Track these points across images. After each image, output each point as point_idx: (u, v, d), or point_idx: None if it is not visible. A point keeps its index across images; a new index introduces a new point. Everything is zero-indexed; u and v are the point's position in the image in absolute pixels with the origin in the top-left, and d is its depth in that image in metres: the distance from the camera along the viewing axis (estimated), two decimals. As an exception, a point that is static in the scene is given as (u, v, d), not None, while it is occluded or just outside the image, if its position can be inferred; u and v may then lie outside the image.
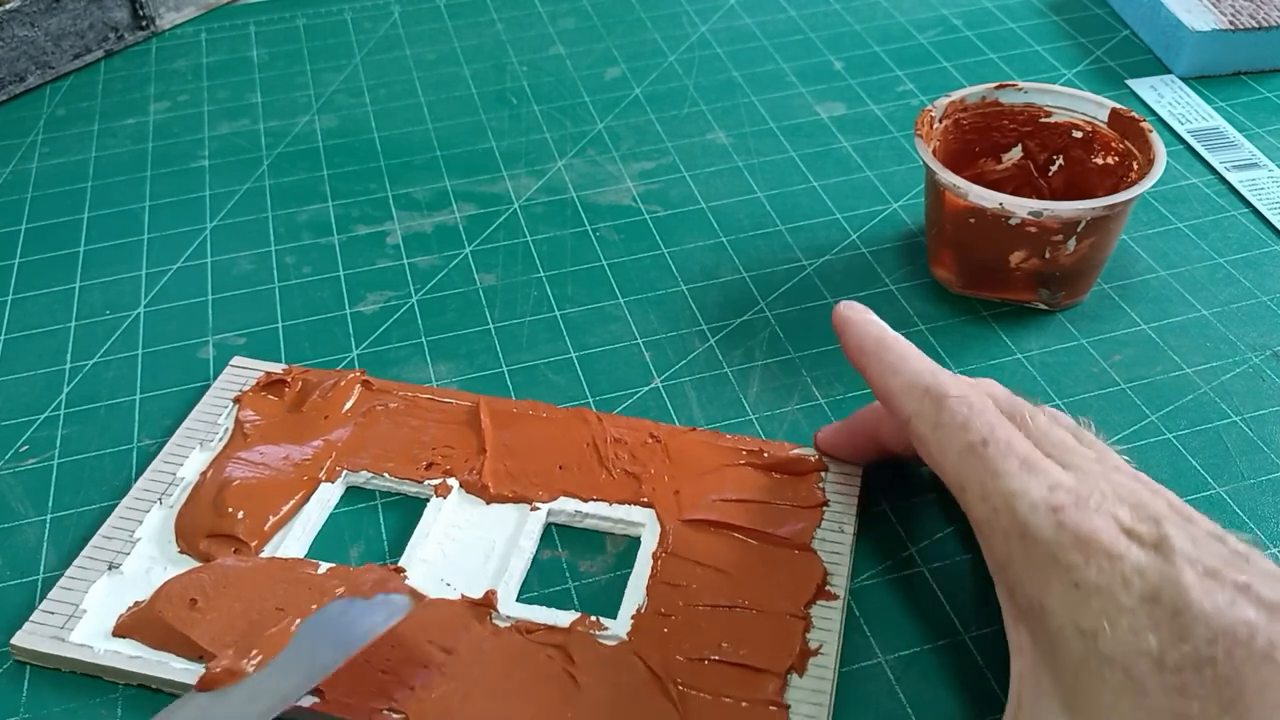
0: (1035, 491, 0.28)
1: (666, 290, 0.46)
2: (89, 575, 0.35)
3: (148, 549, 0.36)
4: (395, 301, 0.46)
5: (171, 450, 0.39)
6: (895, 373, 0.33)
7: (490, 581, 0.35)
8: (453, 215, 0.51)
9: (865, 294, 0.45)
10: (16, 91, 0.61)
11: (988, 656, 0.33)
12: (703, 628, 0.33)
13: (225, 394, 0.41)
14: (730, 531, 0.36)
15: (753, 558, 0.35)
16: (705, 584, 0.34)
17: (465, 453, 0.38)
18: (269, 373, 0.41)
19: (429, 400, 0.40)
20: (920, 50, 0.62)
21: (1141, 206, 0.50)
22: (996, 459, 0.29)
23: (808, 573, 0.34)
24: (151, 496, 0.37)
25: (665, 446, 0.38)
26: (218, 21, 0.67)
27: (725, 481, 0.37)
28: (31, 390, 0.43)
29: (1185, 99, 0.57)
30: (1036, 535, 0.27)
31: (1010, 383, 0.41)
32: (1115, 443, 0.39)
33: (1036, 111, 0.46)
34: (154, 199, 0.53)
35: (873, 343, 0.34)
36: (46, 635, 0.33)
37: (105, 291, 0.48)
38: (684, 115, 0.57)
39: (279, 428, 0.39)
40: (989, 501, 0.29)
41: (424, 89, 0.60)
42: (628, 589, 0.34)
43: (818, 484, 0.37)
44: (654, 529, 0.36)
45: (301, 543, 0.36)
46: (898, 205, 0.50)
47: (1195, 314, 0.44)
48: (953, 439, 0.30)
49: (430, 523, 0.36)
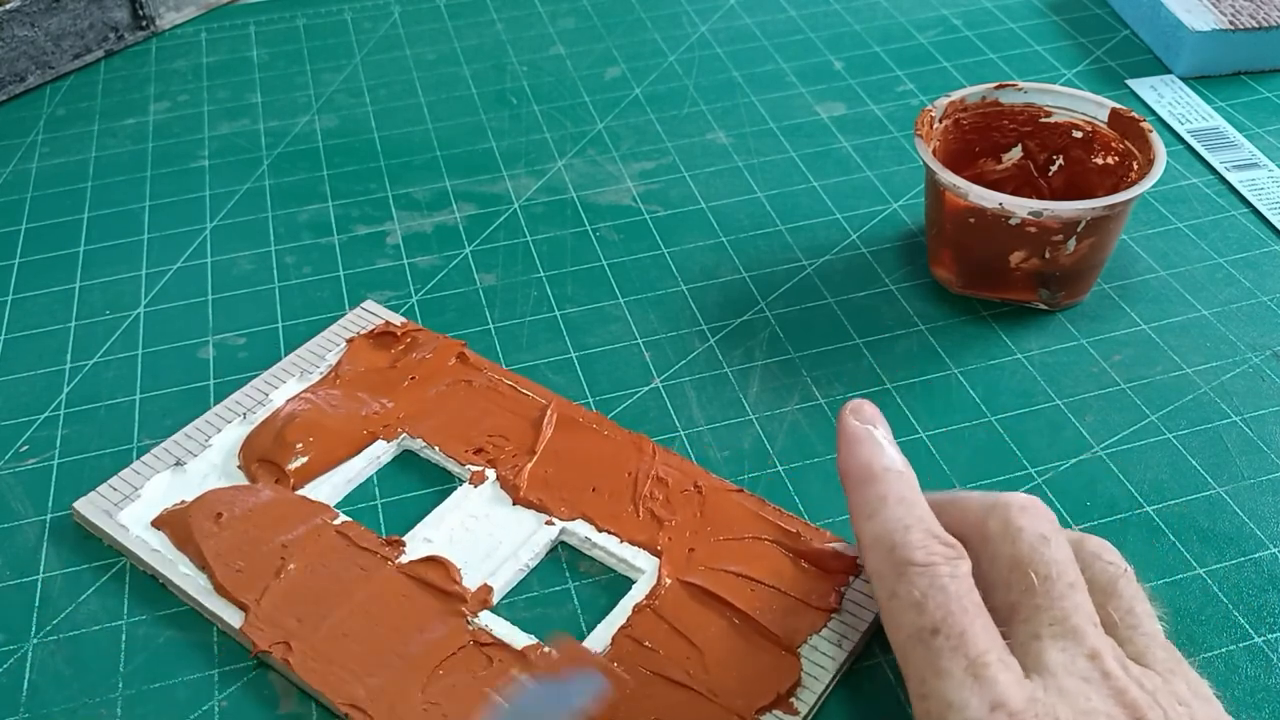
0: (974, 708, 0.24)
1: (666, 290, 0.46)
2: (158, 465, 0.38)
3: (213, 456, 0.39)
4: (395, 301, 0.46)
5: (273, 373, 0.41)
6: (870, 516, 0.29)
7: (477, 580, 0.35)
8: (453, 215, 0.51)
9: (865, 294, 0.45)
10: (16, 91, 0.61)
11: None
12: (645, 698, 0.31)
13: (344, 333, 0.43)
14: (723, 608, 0.33)
15: (732, 642, 0.32)
16: (672, 654, 0.32)
17: (516, 448, 0.39)
18: (386, 323, 0.43)
19: (510, 388, 0.41)
20: (920, 50, 0.62)
21: (1141, 206, 0.50)
22: (943, 654, 0.25)
23: (779, 676, 0.32)
24: (239, 410, 0.40)
25: (704, 500, 0.37)
26: (218, 21, 0.67)
27: (745, 555, 0.35)
28: (31, 390, 0.43)
29: (1185, 99, 0.57)
30: None
31: (1010, 383, 0.41)
32: (1115, 442, 0.39)
33: (1036, 111, 0.46)
34: (154, 199, 0.53)
35: (858, 469, 0.30)
36: (101, 509, 0.37)
37: (105, 291, 0.48)
38: (684, 115, 0.57)
39: (370, 378, 0.41)
40: (926, 702, 0.25)
41: (424, 89, 0.60)
42: (594, 632, 0.33)
43: (838, 586, 0.34)
44: (650, 580, 0.34)
45: (338, 490, 0.38)
46: (898, 205, 0.50)
47: (1195, 314, 0.44)
48: (904, 617, 0.26)
49: (452, 507, 0.37)
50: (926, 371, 0.42)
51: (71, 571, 0.36)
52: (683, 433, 0.40)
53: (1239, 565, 0.35)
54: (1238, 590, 0.34)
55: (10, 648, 0.34)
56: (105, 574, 0.36)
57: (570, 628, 0.34)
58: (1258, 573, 0.35)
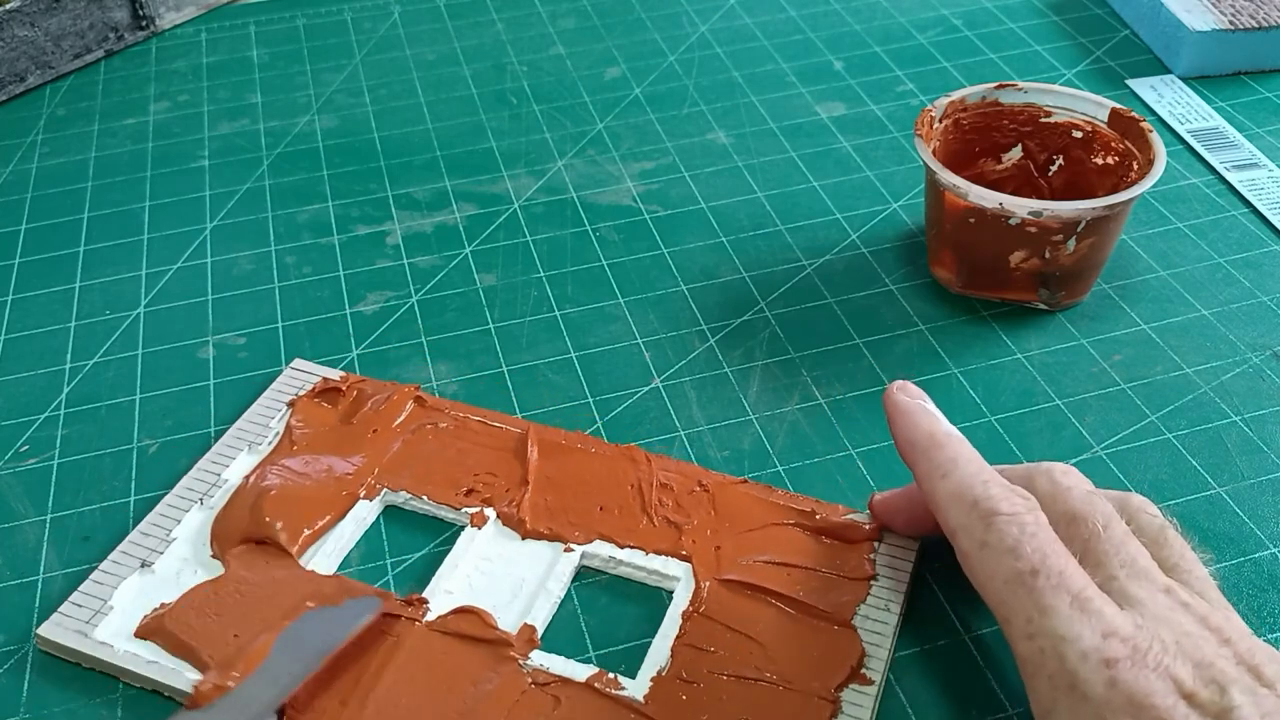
0: (1088, 639, 0.25)
1: (666, 290, 0.46)
2: (121, 571, 0.35)
3: (182, 549, 0.36)
4: (395, 301, 0.46)
5: (220, 451, 0.38)
6: (944, 476, 0.30)
7: (514, 621, 0.33)
8: (453, 215, 0.51)
9: (865, 294, 0.45)
10: (16, 91, 0.61)
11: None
12: (724, 699, 0.31)
13: (281, 397, 0.40)
14: (768, 597, 0.34)
15: (788, 628, 0.33)
16: (734, 651, 0.32)
17: (507, 482, 0.37)
18: (325, 379, 0.41)
19: (479, 424, 0.39)
20: (920, 50, 0.62)
21: (1141, 206, 0.50)
22: (1046, 593, 0.26)
23: (844, 651, 0.32)
24: (193, 496, 0.37)
25: (712, 497, 0.37)
26: (218, 21, 0.67)
27: (770, 542, 0.35)
28: (31, 390, 0.43)
29: (1185, 99, 0.57)
30: (1086, 690, 0.25)
31: (1010, 383, 0.41)
32: (1115, 442, 0.39)
33: (1036, 111, 0.46)
34: (154, 199, 0.53)
35: (924, 438, 0.31)
36: (71, 629, 0.33)
37: (105, 291, 0.48)
38: (684, 115, 0.57)
39: (327, 438, 0.39)
40: (1035, 641, 0.26)
41: (424, 89, 0.60)
42: (652, 647, 0.33)
43: (868, 555, 0.35)
44: (688, 585, 0.34)
45: (333, 559, 0.35)
46: (898, 205, 0.50)
47: (1195, 314, 0.44)
48: (999, 564, 0.28)
49: (461, 553, 0.35)
50: (926, 371, 0.42)
51: (71, 571, 0.36)
52: (683, 433, 0.40)
53: (1239, 565, 0.35)
54: (1238, 590, 0.34)
55: (10, 648, 0.34)
56: (105, 574, 0.36)
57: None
58: (1258, 573, 0.35)
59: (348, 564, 0.36)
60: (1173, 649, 0.25)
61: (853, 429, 0.40)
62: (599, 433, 0.40)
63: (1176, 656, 0.25)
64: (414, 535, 0.37)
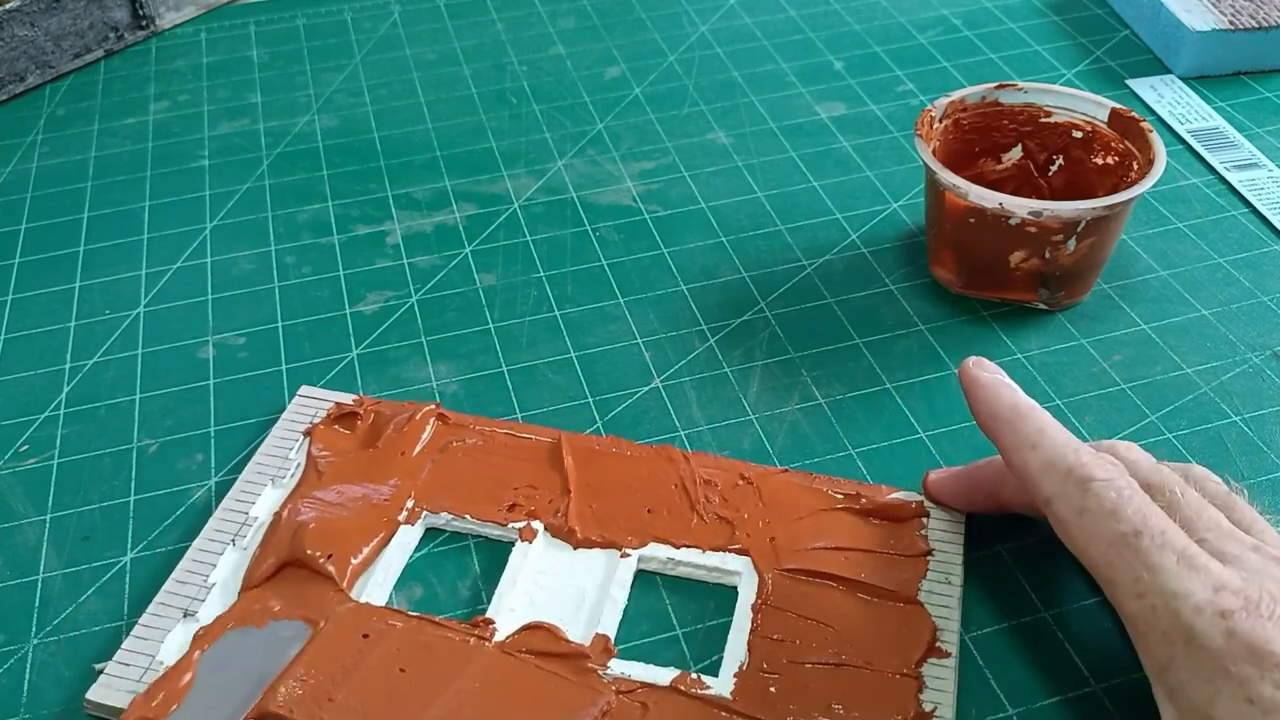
0: (1199, 593, 0.26)
1: (666, 290, 0.46)
2: (164, 623, 0.33)
3: (223, 595, 0.34)
4: (395, 301, 0.46)
5: (242, 488, 0.37)
6: (1034, 447, 0.31)
7: (584, 632, 0.33)
8: (453, 215, 0.51)
9: (865, 294, 0.45)
10: (16, 91, 0.61)
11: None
12: (811, 687, 0.31)
13: (295, 426, 0.39)
14: (831, 582, 0.34)
15: (857, 611, 0.33)
16: (809, 639, 0.32)
17: (549, 493, 0.37)
18: (339, 404, 0.40)
19: (507, 436, 0.39)
20: (920, 50, 0.62)
21: (1141, 206, 0.50)
22: (1152, 553, 0.27)
23: (917, 628, 0.33)
24: (224, 538, 0.35)
25: (758, 489, 0.37)
26: (218, 21, 0.67)
27: (822, 528, 0.35)
28: (31, 390, 0.43)
29: (1185, 99, 0.57)
30: (1204, 643, 0.26)
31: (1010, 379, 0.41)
32: (1115, 443, 0.39)
33: (1036, 111, 0.46)
34: (154, 199, 0.53)
35: (1007, 410, 0.32)
36: (123, 690, 0.31)
37: (105, 291, 0.48)
38: (684, 115, 0.57)
39: (353, 465, 0.38)
40: (1146, 599, 0.27)
41: (424, 89, 0.60)
42: (728, 644, 0.33)
43: (919, 531, 0.35)
44: (751, 579, 0.34)
45: (384, 588, 0.34)
46: (898, 205, 0.50)
47: (1195, 314, 0.44)
48: (1101, 528, 0.28)
49: (517, 569, 0.35)
50: (926, 371, 0.42)
51: (71, 571, 0.36)
52: (683, 433, 0.40)
53: (1239, 565, 0.35)
54: (1238, 590, 0.34)
55: (10, 648, 0.34)
56: (105, 574, 0.36)
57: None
58: (1258, 573, 0.35)
59: (397, 592, 0.35)
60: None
61: (852, 429, 0.40)
62: (599, 433, 0.40)
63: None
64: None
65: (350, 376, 0.43)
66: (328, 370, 0.43)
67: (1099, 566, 0.28)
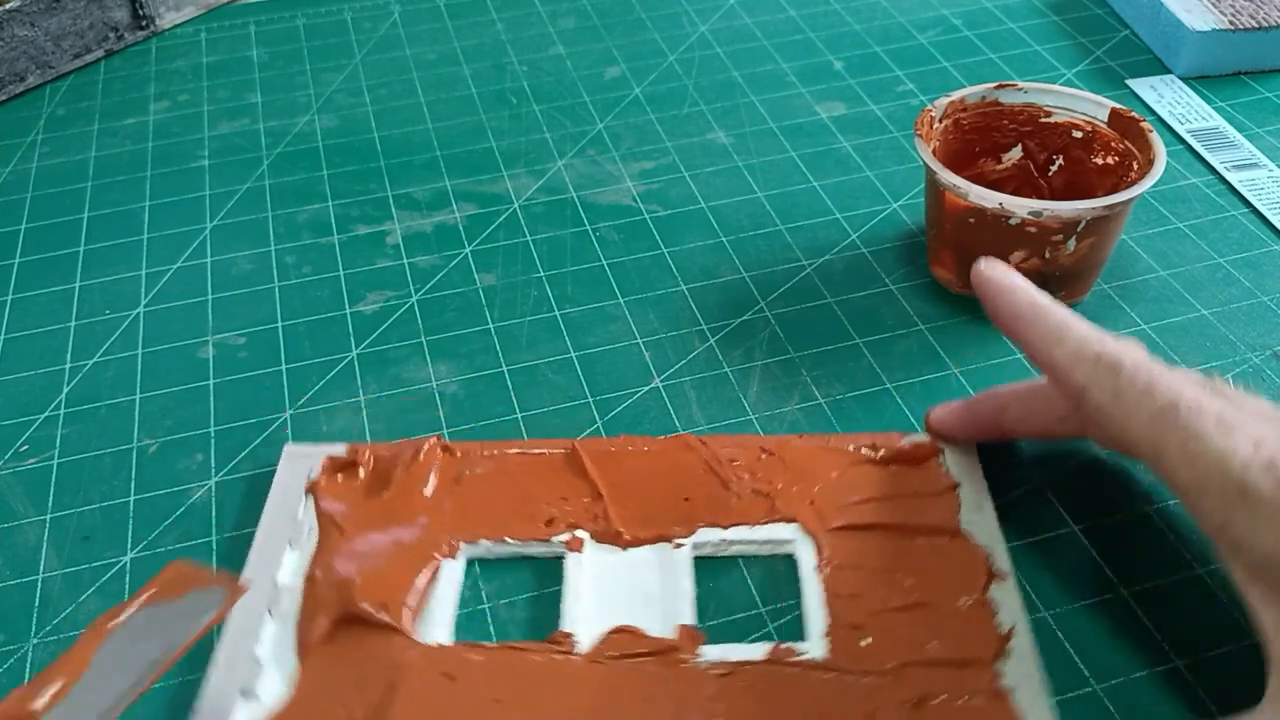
0: (1243, 449, 0.28)
1: (666, 290, 0.46)
2: (223, 703, 0.32)
3: (278, 668, 0.33)
4: (395, 301, 0.46)
5: (259, 557, 0.35)
6: (1060, 342, 0.32)
7: (663, 627, 0.33)
8: (453, 215, 0.51)
9: (865, 294, 0.45)
10: (16, 91, 0.61)
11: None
12: (899, 633, 0.32)
13: (293, 486, 0.37)
14: (880, 532, 0.35)
15: (913, 553, 0.34)
16: (879, 589, 0.33)
17: (582, 501, 0.36)
18: (331, 457, 0.38)
19: (519, 455, 0.38)
20: (920, 50, 0.62)
21: (1141, 206, 0.50)
22: (1192, 420, 0.29)
23: (970, 558, 0.34)
24: (259, 609, 0.34)
25: (781, 459, 0.37)
26: (218, 21, 0.67)
27: (851, 483, 0.36)
28: (31, 390, 0.43)
29: (1185, 99, 0.57)
30: (1258, 494, 0.27)
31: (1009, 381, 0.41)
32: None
33: (1036, 111, 0.46)
34: (154, 199, 0.53)
35: (1028, 309, 0.33)
36: None
37: (105, 291, 0.48)
38: (684, 115, 0.57)
39: (371, 512, 0.36)
40: (1194, 465, 0.28)
41: (424, 89, 0.60)
42: (804, 609, 0.33)
43: (940, 468, 0.37)
44: (805, 543, 0.35)
45: (445, 627, 0.34)
46: (898, 205, 0.50)
47: (1195, 314, 0.44)
48: (1139, 406, 0.30)
49: (577, 581, 0.34)
50: (926, 371, 0.42)
51: (71, 571, 0.36)
52: (683, 433, 0.40)
53: (1239, 565, 0.35)
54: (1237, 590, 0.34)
55: (10, 648, 0.34)
56: (105, 574, 0.36)
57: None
58: (1258, 573, 0.35)
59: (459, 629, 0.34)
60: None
61: (852, 429, 0.40)
62: (599, 433, 0.40)
63: None
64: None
65: (350, 376, 0.43)
66: (328, 370, 0.43)
67: (1142, 444, 0.30)
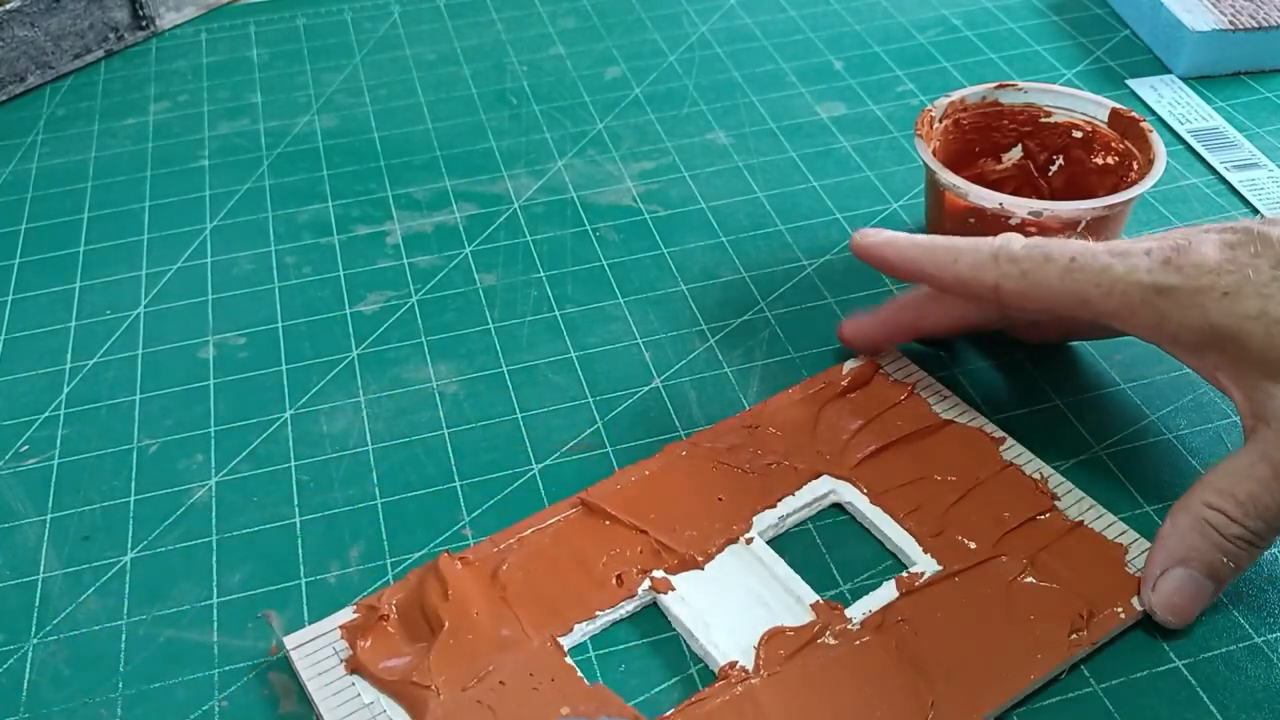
0: (1140, 261, 0.32)
1: (666, 290, 0.46)
2: None
3: None
4: (395, 301, 0.46)
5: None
6: (956, 259, 0.36)
7: (796, 615, 0.33)
8: (453, 215, 0.51)
9: (865, 294, 0.45)
10: (16, 91, 0.61)
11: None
12: (972, 520, 0.35)
13: (330, 676, 0.33)
14: (889, 451, 0.37)
15: (926, 456, 0.37)
16: (932, 493, 0.36)
17: (633, 546, 0.35)
18: (342, 626, 0.34)
19: (534, 535, 0.36)
20: (920, 50, 0.62)
21: (1141, 206, 0.50)
22: (1091, 260, 0.33)
23: (970, 437, 0.38)
24: None
25: (768, 426, 0.39)
26: (218, 21, 0.67)
27: (835, 421, 0.39)
28: (31, 390, 0.43)
29: (1185, 99, 0.57)
30: (1170, 285, 0.32)
31: (1010, 383, 0.41)
32: (1115, 442, 0.39)
33: (1036, 111, 0.46)
34: (154, 199, 0.53)
35: (915, 248, 0.37)
36: None
37: (105, 291, 0.48)
38: (684, 115, 0.57)
39: (442, 654, 0.33)
40: (1114, 293, 0.33)
41: (424, 89, 0.60)
42: (886, 539, 0.35)
43: (893, 377, 0.40)
44: (844, 488, 0.37)
45: None
46: (898, 205, 0.50)
47: (1195, 314, 0.44)
48: (1047, 272, 0.34)
49: (687, 616, 0.33)
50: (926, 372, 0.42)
51: (71, 571, 0.36)
52: (683, 433, 0.40)
53: (1239, 565, 0.35)
54: (1237, 590, 0.34)
55: (10, 648, 0.34)
56: (105, 574, 0.36)
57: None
58: (1257, 573, 0.35)
59: None
60: (1187, 232, 0.33)
61: (853, 429, 0.40)
62: (599, 433, 0.40)
63: (1195, 232, 0.33)
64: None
65: (350, 377, 0.43)
66: (328, 370, 0.43)
67: (1062, 300, 0.34)
